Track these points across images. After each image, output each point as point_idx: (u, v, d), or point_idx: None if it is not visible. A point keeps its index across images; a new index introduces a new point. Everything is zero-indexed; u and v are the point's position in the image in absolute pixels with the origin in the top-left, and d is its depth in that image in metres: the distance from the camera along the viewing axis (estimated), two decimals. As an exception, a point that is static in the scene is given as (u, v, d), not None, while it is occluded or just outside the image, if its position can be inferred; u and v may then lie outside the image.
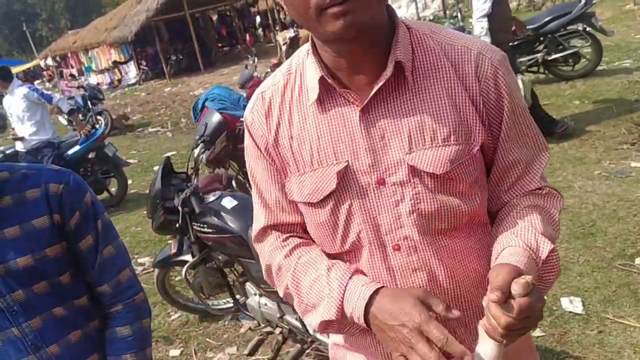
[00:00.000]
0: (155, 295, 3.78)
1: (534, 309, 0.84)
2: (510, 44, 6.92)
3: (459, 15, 7.84)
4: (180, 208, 2.97)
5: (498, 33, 4.88)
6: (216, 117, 3.97)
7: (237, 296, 3.30)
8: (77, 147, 6.21)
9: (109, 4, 40.09)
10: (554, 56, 6.89)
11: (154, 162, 8.51)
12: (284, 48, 12.56)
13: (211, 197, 3.09)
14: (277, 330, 2.84)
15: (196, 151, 3.35)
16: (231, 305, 3.36)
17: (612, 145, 4.85)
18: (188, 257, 3.21)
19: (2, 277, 1.22)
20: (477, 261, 1.09)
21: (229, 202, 2.98)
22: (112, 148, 6.49)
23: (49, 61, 27.53)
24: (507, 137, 1.05)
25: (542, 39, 6.86)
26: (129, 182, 7.09)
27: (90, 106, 10.73)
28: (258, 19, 25.56)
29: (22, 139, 6.08)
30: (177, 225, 2.99)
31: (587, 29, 6.64)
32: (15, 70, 34.09)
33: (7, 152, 6.81)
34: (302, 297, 1.10)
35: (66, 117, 9.10)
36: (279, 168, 1.12)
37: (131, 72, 21.46)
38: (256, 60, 7.62)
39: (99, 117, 10.90)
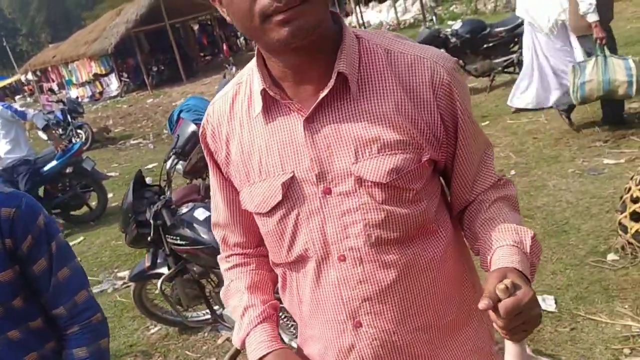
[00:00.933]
0: (134, 309, 3.75)
1: (519, 306, 0.86)
2: (486, 45, 7.02)
3: (433, 18, 7.90)
4: (152, 221, 2.96)
5: (601, 10, 4.59)
6: (190, 128, 3.94)
7: (215, 307, 3.29)
8: (53, 163, 6.16)
9: (89, 17, 39.94)
10: (528, 56, 6.97)
11: (135, 174, 8.46)
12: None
13: (184, 209, 3.09)
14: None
15: (168, 163, 3.34)
16: (209, 316, 3.35)
17: (585, 143, 4.91)
18: (164, 270, 3.20)
19: None
20: (429, 272, 1.07)
21: (201, 213, 2.98)
22: (91, 162, 6.45)
23: (30, 76, 27.31)
24: (463, 142, 1.05)
25: (516, 39, 6.95)
26: (110, 195, 7.05)
27: (70, 120, 10.67)
28: (239, 27, 25.55)
29: None
30: (150, 238, 2.98)
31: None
32: (-5, 85, 33.80)
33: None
34: (229, 312, 1.21)
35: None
36: (230, 182, 1.13)
37: (112, 84, 21.35)
38: (234, 69, 7.64)
39: (79, 131, 10.84)
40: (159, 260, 3.20)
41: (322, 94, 0.98)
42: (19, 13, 59.35)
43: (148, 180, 3.56)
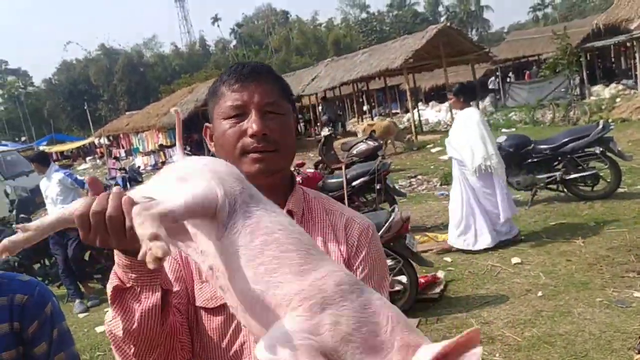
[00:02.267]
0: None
1: None
2: (529, 160, 7.12)
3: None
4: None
5: None
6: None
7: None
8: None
9: (165, 90, 42.77)
10: (572, 176, 7.01)
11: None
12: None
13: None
14: None
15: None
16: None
17: (619, 272, 4.82)
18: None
19: None
20: None
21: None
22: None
23: (103, 140, 29.19)
24: None
25: (560, 158, 7.02)
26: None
27: (129, 187, 11.30)
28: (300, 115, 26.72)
29: None
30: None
31: (606, 152, 6.78)
32: (71, 146, 36.14)
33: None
34: None
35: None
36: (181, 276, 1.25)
37: (175, 155, 22.42)
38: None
39: (135, 199, 11.42)
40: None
41: None
42: (103, 80, 64.30)
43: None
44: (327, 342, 0.83)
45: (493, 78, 28.03)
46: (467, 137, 5.83)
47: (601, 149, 6.78)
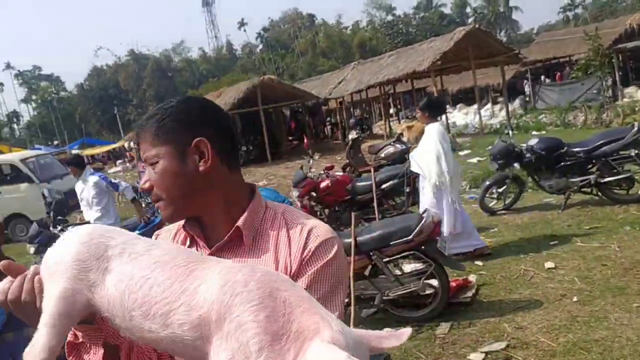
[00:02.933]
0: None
1: None
2: (562, 163, 7.02)
3: (510, 132, 8.04)
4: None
5: None
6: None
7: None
8: (135, 233, 6.67)
9: (193, 95, 43.23)
10: (607, 179, 6.88)
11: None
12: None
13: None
14: None
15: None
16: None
17: (656, 277, 4.72)
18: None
19: None
20: None
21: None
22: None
23: (133, 143, 29.67)
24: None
25: (594, 161, 6.90)
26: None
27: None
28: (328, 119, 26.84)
29: (87, 223, 6.64)
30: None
31: (640, 155, 6.65)
32: (101, 149, 36.84)
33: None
34: None
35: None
36: None
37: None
38: (312, 161, 8.04)
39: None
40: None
41: (222, 241, 1.26)
42: (132, 85, 65.48)
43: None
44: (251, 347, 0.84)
45: (527, 80, 27.59)
46: (426, 154, 5.95)
47: (637, 152, 6.65)
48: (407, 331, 0.93)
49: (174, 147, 1.22)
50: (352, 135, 12.72)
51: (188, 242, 1.32)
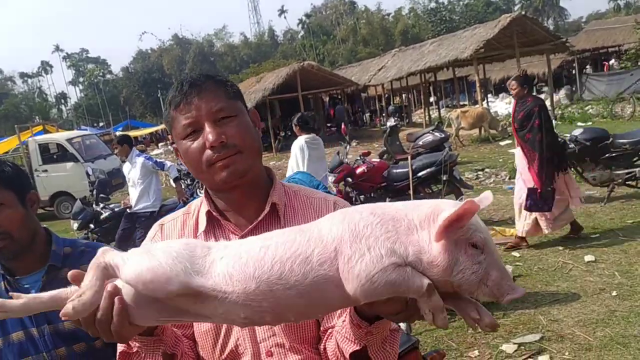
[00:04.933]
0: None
1: None
2: (607, 155, 6.80)
3: (553, 121, 7.81)
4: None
5: None
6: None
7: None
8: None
9: (234, 80, 43.58)
10: (654, 172, 6.64)
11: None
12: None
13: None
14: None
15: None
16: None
17: (702, 274, 4.55)
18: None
19: (51, 335, 1.51)
20: None
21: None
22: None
23: (174, 126, 30.21)
24: None
25: (640, 153, 6.67)
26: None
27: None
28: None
29: (129, 207, 6.93)
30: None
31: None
32: (144, 131, 37.62)
33: (116, 209, 7.68)
34: None
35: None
36: None
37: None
38: (349, 147, 8.02)
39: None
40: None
41: (258, 219, 1.26)
42: (175, 69, 66.36)
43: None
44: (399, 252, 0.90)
45: (586, 68, 26.68)
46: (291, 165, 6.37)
47: (686, 145, 6.39)
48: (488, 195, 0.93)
49: (242, 107, 1.29)
50: (390, 122, 12.58)
51: (201, 230, 1.30)
